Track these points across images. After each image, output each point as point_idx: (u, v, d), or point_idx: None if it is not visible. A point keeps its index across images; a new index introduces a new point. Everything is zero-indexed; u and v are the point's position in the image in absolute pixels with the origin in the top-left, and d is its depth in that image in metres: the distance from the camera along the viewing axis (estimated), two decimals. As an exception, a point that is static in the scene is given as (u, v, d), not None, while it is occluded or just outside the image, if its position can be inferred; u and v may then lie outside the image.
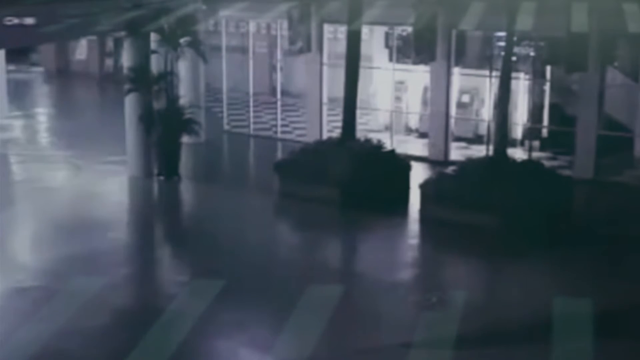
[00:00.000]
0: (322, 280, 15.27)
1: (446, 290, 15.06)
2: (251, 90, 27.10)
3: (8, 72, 30.40)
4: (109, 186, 21.06)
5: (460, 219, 17.74)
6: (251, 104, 27.08)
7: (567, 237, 17.47)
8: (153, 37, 21.76)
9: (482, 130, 23.61)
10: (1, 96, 28.83)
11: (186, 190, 21.43)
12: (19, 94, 31.94)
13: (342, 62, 21.44)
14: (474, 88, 23.77)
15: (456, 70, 23.46)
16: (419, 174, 20.90)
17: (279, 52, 27.14)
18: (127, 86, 21.40)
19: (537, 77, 23.24)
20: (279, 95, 26.94)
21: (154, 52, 21.86)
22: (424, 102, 24.43)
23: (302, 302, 14.10)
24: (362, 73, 21.55)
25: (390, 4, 21.95)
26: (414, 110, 25.06)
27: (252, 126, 26.75)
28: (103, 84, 35.06)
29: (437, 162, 22.51)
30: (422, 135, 24.54)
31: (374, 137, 22.01)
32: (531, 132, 23.13)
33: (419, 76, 24.46)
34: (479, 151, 22.62)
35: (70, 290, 14.63)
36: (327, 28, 24.71)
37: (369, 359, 12.56)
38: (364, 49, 22.26)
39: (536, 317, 13.74)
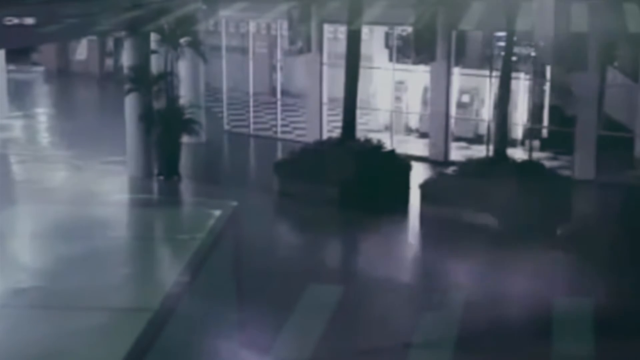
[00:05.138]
0: (322, 280, 15.27)
1: (447, 291, 15.06)
2: (251, 90, 27.11)
3: (8, 72, 30.40)
4: (108, 186, 21.04)
5: (460, 219, 17.76)
6: (251, 104, 27.09)
7: (567, 237, 17.47)
8: (153, 37, 21.76)
9: (482, 130, 23.61)
10: (1, 96, 28.83)
11: (186, 191, 21.43)
12: (19, 94, 31.94)
13: (342, 62, 21.44)
14: (474, 88, 23.77)
15: (456, 70, 23.46)
16: (419, 174, 20.90)
17: (279, 52, 27.14)
18: (127, 86, 21.40)
19: (537, 77, 23.24)
20: (279, 95, 26.94)
21: (154, 52, 21.87)
22: (424, 102, 24.43)
23: (302, 302, 14.09)
24: (362, 73, 21.54)
25: (390, 4, 21.95)
26: (414, 110, 25.06)
27: (252, 126, 26.76)
28: (103, 83, 35.06)
29: (437, 162, 22.51)
30: (422, 135, 24.54)
31: (374, 137, 22.02)
32: (531, 132, 23.13)
33: (419, 76, 24.46)
34: (479, 151, 22.61)
35: (69, 290, 14.60)
36: (327, 28, 24.72)
37: (369, 359, 12.56)
38: (364, 49, 22.25)
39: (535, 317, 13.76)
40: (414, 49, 24.59)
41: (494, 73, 22.09)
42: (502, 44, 20.99)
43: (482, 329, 13.34)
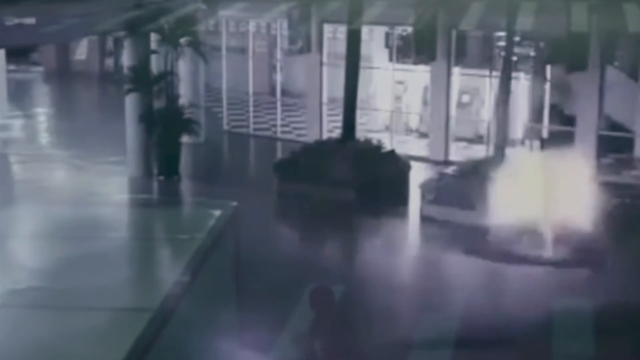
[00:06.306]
0: (322, 281, 15.24)
1: (447, 291, 15.06)
2: (251, 90, 27.10)
3: (8, 72, 30.38)
4: (108, 186, 21.02)
5: (459, 219, 17.76)
6: (251, 103, 27.08)
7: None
8: (153, 37, 21.76)
9: (482, 130, 23.60)
10: (1, 96, 28.83)
11: (186, 191, 21.42)
12: (19, 94, 31.92)
13: (342, 62, 21.44)
14: (474, 88, 23.76)
15: (456, 70, 23.45)
16: (419, 174, 20.90)
17: (279, 52, 27.14)
18: (127, 86, 21.40)
19: (537, 77, 23.22)
20: (279, 95, 26.94)
21: (154, 52, 21.87)
22: (424, 102, 24.43)
23: (302, 303, 14.06)
24: (362, 73, 21.55)
25: (390, 4, 21.95)
26: (414, 110, 25.05)
27: (252, 126, 26.76)
28: (103, 83, 35.04)
29: (437, 162, 22.51)
30: (422, 135, 24.54)
31: (374, 137, 22.01)
32: (531, 132, 23.11)
33: (419, 76, 24.45)
34: (479, 151, 22.61)
35: (69, 290, 14.57)
36: (327, 28, 24.71)
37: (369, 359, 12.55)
38: (364, 49, 22.26)
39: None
40: (414, 49, 24.59)
41: (494, 73, 22.09)
42: (502, 44, 21.00)
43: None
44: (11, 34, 18.53)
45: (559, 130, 22.73)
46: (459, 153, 22.87)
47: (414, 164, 21.19)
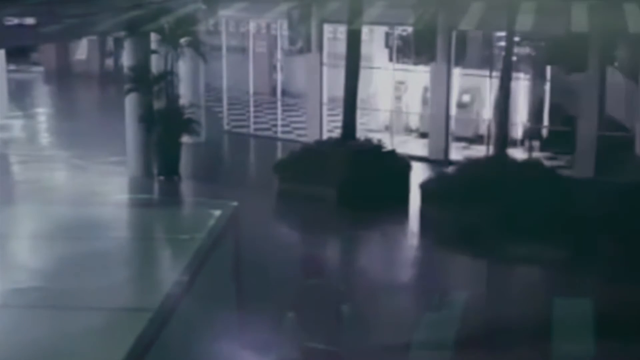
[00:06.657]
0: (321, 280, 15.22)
1: (448, 291, 15.05)
2: (251, 90, 27.12)
3: (8, 72, 30.40)
4: (108, 186, 21.03)
5: (459, 218, 17.76)
6: (251, 103, 27.10)
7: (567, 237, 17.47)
8: (153, 37, 21.77)
9: (482, 130, 23.61)
10: (1, 96, 28.84)
11: (186, 191, 21.42)
12: (19, 94, 31.93)
13: (342, 62, 21.44)
14: (474, 88, 23.77)
15: (456, 71, 23.45)
16: (419, 174, 20.90)
17: (279, 52, 27.15)
18: (127, 86, 21.40)
19: (537, 77, 23.23)
20: (279, 95, 26.95)
21: (154, 52, 21.88)
22: (424, 102, 24.43)
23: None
24: (362, 73, 21.55)
25: (390, 4, 21.96)
26: (414, 110, 25.05)
27: (252, 126, 26.77)
28: (103, 83, 35.06)
29: (437, 162, 22.51)
30: (422, 135, 24.54)
31: (374, 137, 22.02)
32: (531, 132, 23.12)
33: (419, 76, 24.46)
34: (479, 151, 22.61)
35: (69, 290, 14.56)
36: (327, 28, 24.72)
37: (369, 359, 12.55)
38: (364, 49, 22.26)
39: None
40: (414, 49, 24.59)
41: (494, 73, 22.09)
42: (502, 44, 21.01)
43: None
44: (11, 34, 18.53)
45: (559, 130, 22.74)
46: (459, 153, 22.87)
47: (414, 164, 21.20)
